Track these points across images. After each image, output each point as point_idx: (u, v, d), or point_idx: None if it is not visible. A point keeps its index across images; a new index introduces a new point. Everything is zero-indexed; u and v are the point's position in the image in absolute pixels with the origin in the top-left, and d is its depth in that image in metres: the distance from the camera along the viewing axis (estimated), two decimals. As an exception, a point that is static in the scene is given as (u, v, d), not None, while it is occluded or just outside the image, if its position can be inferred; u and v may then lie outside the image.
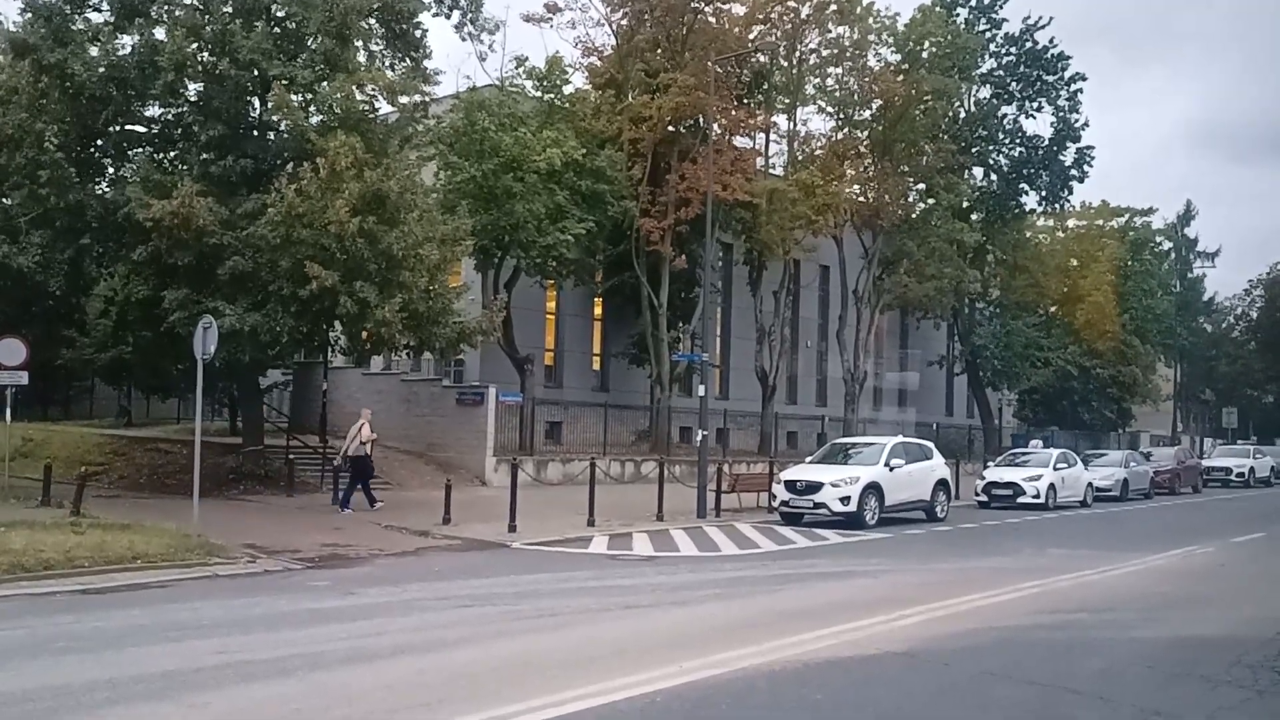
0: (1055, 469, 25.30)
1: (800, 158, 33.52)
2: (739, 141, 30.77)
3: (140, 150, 21.39)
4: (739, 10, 30.39)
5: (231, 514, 17.50)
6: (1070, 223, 49.82)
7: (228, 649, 8.08)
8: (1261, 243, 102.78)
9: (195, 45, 19.65)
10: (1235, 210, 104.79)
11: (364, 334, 19.90)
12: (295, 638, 8.69)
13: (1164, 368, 57.59)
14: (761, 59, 31.71)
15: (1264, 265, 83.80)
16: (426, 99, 22.37)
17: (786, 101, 33.80)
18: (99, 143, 21.23)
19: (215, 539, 13.43)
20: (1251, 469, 38.77)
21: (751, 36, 30.52)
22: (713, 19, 29.81)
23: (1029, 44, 40.95)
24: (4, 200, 26.77)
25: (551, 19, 29.13)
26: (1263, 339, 67.23)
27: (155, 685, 6.92)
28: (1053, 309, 47.79)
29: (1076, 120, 41.37)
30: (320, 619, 9.65)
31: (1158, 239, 56.96)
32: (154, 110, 21.14)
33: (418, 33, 21.64)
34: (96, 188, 21.18)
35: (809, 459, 21.96)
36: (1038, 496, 24.18)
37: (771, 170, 33.82)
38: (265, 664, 7.61)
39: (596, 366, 33.97)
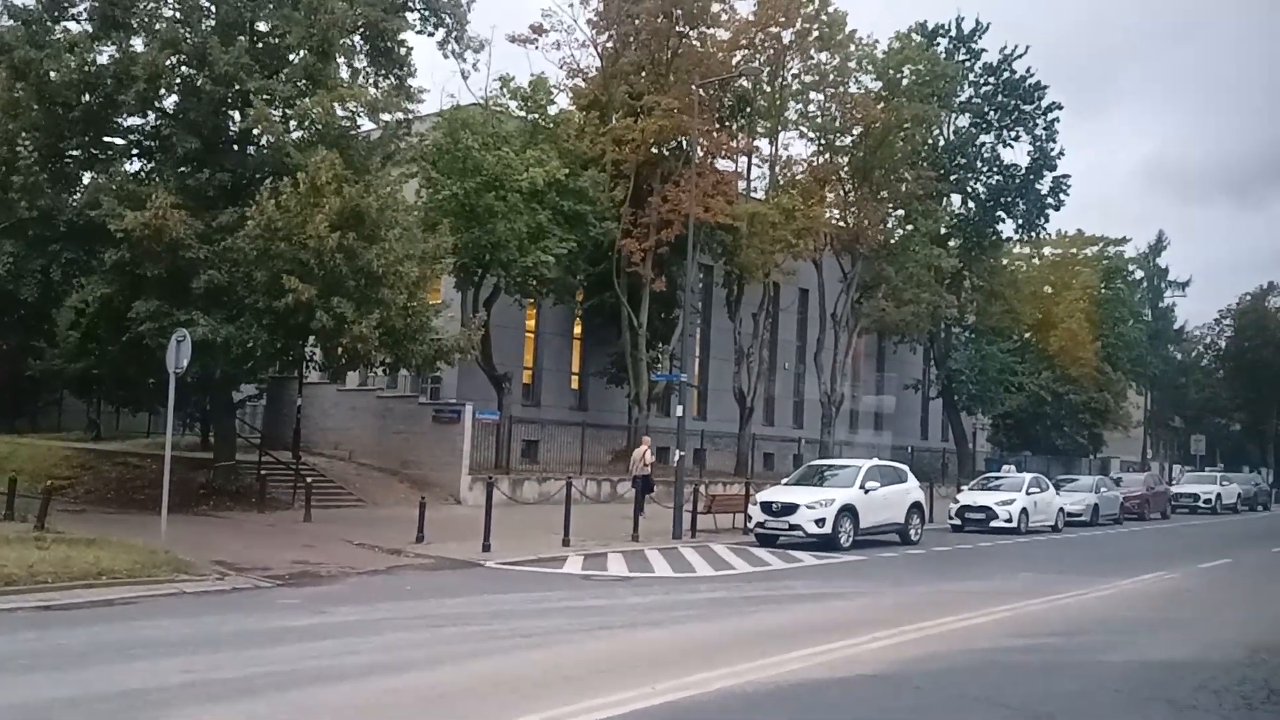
0: (1028, 494, 25.47)
1: (781, 182, 33.76)
2: (721, 164, 30.99)
3: (115, 161, 21.24)
4: (723, 35, 30.68)
5: (201, 530, 17.29)
6: (1046, 250, 50.46)
7: (194, 668, 7.97)
8: (1210, 277, 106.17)
9: (172, 57, 19.58)
10: (1189, 248, 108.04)
11: (340, 349, 19.77)
12: (264, 656, 8.58)
13: (1135, 394, 58.26)
14: (744, 83, 31.99)
15: (1219, 301, 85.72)
16: (409, 116, 22.38)
17: (768, 126, 34.08)
18: (73, 151, 21.06)
19: (184, 555, 13.25)
20: (1219, 495, 39.22)
21: (735, 61, 30.79)
22: (697, 43, 30.07)
23: (1006, 73, 41.54)
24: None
25: (537, 40, 29.32)
26: (1231, 368, 68.35)
27: (119, 704, 6.81)
28: (1027, 335, 48.30)
29: (1053, 149, 42.03)
30: (290, 637, 9.54)
31: (1130, 268, 57.78)
32: (131, 121, 21.03)
33: (402, 50, 21.68)
34: (70, 197, 20.99)
35: (785, 481, 21.98)
36: (1010, 521, 24.31)
37: (753, 194, 34.04)
38: (232, 683, 7.51)
39: (575, 385, 33.93)
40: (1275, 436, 70.17)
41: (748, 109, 32.95)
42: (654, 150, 29.01)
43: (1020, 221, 42.83)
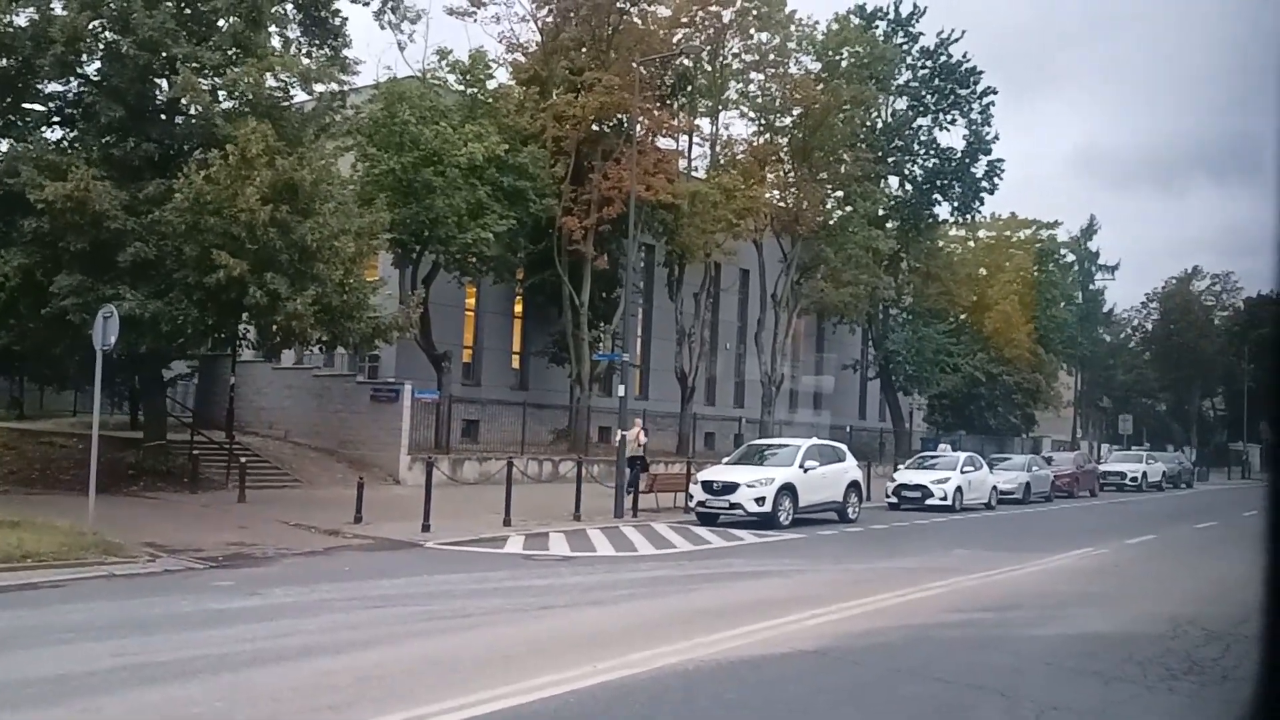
0: (962, 472, 26.03)
1: (722, 161, 33.83)
2: (662, 143, 30.91)
3: (35, 129, 20.40)
4: (663, 12, 30.55)
5: (131, 512, 16.81)
6: (981, 233, 51.43)
7: (125, 651, 7.75)
8: (1138, 262, 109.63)
9: (94, 20, 18.82)
10: (1119, 232, 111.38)
11: (274, 327, 19.32)
12: (197, 639, 8.38)
13: (1066, 375, 59.86)
14: (685, 62, 31.90)
15: (1146, 284, 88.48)
16: (344, 88, 21.88)
17: (709, 105, 34.10)
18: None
19: (113, 537, 12.87)
20: (1144, 474, 40.59)
21: (676, 39, 30.70)
22: (638, 20, 29.90)
23: (943, 57, 42.12)
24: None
25: (475, 13, 28.86)
26: (1157, 350, 70.66)
27: (46, 689, 6.60)
28: (963, 316, 49.25)
29: (988, 133, 42.81)
30: (224, 620, 9.33)
31: (1062, 251, 59.18)
32: (52, 87, 20.20)
33: (337, 20, 21.17)
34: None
35: (725, 460, 22.15)
36: (945, 499, 24.83)
37: (694, 173, 34.05)
38: (165, 666, 7.32)
39: (516, 365, 33.70)
40: (1198, 417, 72.83)
41: (688, 88, 32.89)
42: (595, 127, 28.82)
43: (956, 204, 43.62)
